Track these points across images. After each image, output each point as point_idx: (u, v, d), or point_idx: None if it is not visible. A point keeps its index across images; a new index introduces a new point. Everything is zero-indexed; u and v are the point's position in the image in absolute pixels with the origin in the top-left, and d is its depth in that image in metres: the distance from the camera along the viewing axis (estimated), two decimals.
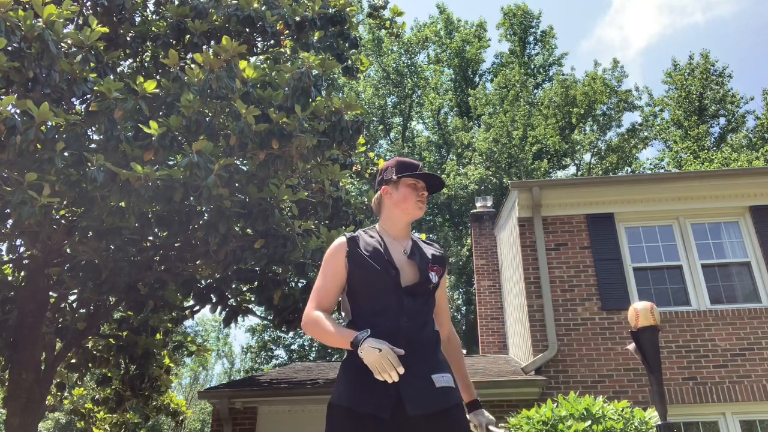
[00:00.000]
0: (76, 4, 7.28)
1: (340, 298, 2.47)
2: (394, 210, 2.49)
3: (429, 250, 2.51)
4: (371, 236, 2.48)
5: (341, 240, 2.45)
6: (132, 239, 7.22)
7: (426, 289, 2.38)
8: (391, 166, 2.51)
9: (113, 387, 10.49)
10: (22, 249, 7.97)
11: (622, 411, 4.75)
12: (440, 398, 2.19)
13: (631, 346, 3.46)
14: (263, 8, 7.66)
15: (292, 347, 25.36)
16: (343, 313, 2.48)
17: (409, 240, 2.50)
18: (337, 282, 2.40)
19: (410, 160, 2.52)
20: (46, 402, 8.91)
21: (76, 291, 8.41)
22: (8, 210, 6.07)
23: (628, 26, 56.48)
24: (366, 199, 8.63)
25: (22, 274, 8.33)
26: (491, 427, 2.40)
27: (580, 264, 8.58)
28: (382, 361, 2.01)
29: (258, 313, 10.05)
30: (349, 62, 9.18)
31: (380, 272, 2.33)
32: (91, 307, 8.79)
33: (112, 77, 6.67)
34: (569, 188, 9.23)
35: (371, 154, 9.56)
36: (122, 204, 6.39)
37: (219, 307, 8.30)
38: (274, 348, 26.10)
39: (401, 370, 2.01)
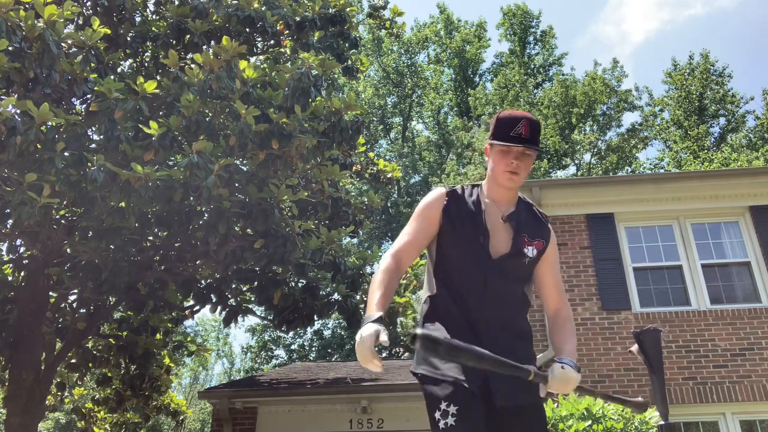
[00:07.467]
0: (76, 4, 7.28)
1: (426, 264, 2.27)
2: (490, 173, 2.22)
3: (533, 220, 2.23)
4: (471, 194, 2.24)
5: (440, 191, 2.24)
6: (132, 239, 7.22)
7: (518, 264, 2.15)
8: (495, 120, 2.18)
9: (113, 387, 10.49)
10: (22, 249, 7.98)
11: (623, 411, 4.76)
12: (527, 393, 2.03)
13: (634, 348, 3.48)
14: (263, 8, 7.65)
15: (292, 347, 25.36)
16: (424, 286, 2.27)
17: (512, 207, 2.22)
18: (427, 234, 2.19)
19: (510, 115, 2.15)
20: (46, 402, 8.91)
21: (76, 291, 8.42)
22: (8, 210, 6.07)
23: (625, 22, 56.40)
24: (366, 199, 8.62)
25: (22, 274, 8.33)
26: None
27: (580, 264, 8.58)
28: (359, 350, 1.84)
29: (258, 313, 10.05)
30: (349, 62, 9.18)
31: (469, 235, 2.12)
32: (91, 307, 8.79)
33: (112, 77, 6.67)
34: (569, 188, 9.22)
35: (371, 154, 9.59)
36: (122, 204, 6.39)
37: (219, 307, 8.31)
38: (274, 348, 26.10)
39: (375, 367, 1.84)
